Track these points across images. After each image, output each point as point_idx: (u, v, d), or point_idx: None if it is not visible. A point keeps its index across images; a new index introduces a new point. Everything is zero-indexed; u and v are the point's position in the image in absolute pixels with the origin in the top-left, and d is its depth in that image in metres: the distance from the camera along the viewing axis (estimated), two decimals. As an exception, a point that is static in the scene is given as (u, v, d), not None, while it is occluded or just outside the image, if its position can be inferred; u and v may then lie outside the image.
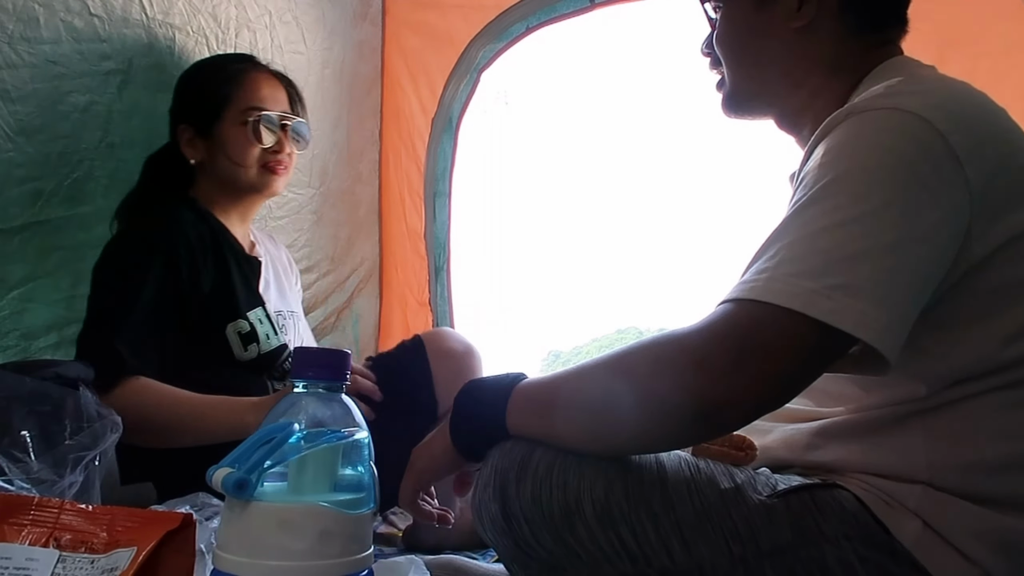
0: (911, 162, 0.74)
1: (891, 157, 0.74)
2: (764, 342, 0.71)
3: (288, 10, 2.03)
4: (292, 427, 0.61)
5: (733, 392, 0.71)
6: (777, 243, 0.75)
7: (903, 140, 0.75)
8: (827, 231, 0.73)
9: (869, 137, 0.77)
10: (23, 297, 1.43)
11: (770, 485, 0.83)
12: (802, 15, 0.94)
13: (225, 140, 1.50)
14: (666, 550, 0.80)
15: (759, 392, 0.72)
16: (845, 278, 0.70)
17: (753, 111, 1.05)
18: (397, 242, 2.56)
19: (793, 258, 0.73)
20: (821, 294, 0.70)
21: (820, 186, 0.75)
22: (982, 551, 0.76)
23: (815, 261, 0.72)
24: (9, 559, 0.65)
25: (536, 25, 2.31)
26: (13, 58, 1.35)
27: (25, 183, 1.40)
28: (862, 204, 0.73)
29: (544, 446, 0.86)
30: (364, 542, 0.62)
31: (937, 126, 0.74)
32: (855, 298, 0.70)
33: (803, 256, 0.73)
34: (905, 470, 0.80)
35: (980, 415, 0.79)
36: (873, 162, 0.75)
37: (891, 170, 0.74)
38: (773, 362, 0.71)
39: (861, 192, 0.74)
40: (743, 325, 0.72)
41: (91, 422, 0.95)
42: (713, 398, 0.72)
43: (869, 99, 0.80)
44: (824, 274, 0.71)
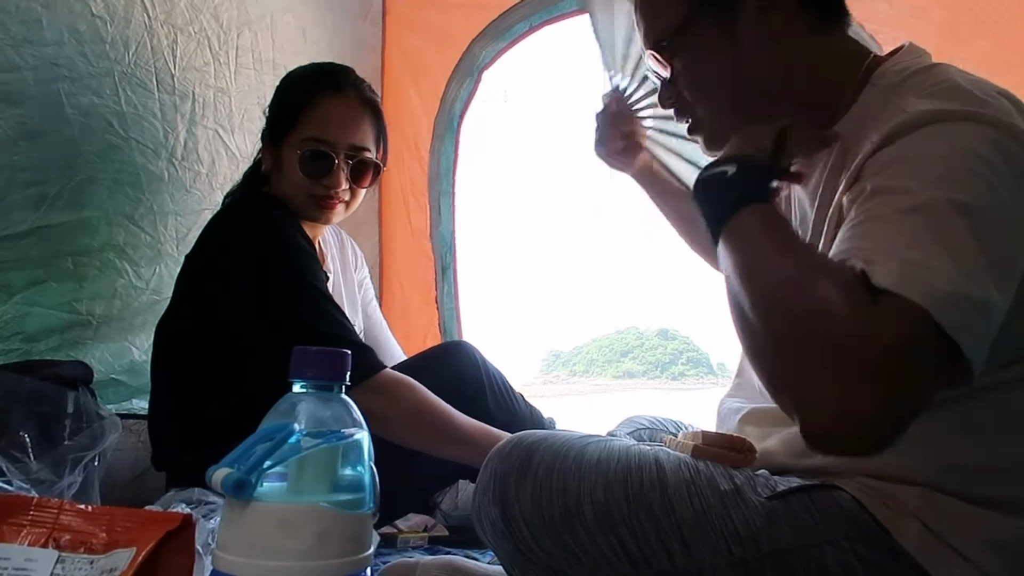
0: (1000, 170, 0.72)
1: (985, 166, 0.72)
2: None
3: (289, 10, 2.04)
4: (292, 427, 0.61)
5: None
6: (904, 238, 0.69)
7: (992, 149, 0.73)
8: (958, 244, 0.68)
9: (976, 151, 0.73)
10: (26, 301, 1.44)
11: (769, 487, 0.83)
12: (774, 21, 0.91)
13: (283, 162, 1.47)
14: (666, 552, 0.80)
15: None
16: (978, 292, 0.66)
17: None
18: (398, 242, 2.56)
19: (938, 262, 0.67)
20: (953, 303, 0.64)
21: (944, 200, 0.70)
22: (982, 553, 0.76)
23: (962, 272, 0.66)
24: (8, 560, 0.65)
25: (538, 24, 2.31)
26: (16, 60, 1.35)
27: (29, 187, 1.40)
28: (980, 221, 0.69)
29: (543, 449, 0.86)
30: (364, 542, 0.62)
31: (1020, 131, 0.74)
32: (978, 315, 0.66)
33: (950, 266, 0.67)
34: (904, 472, 0.80)
35: (978, 416, 0.79)
36: (989, 185, 0.71)
37: (987, 179, 0.71)
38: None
39: (976, 204, 0.70)
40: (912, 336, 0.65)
41: (91, 422, 0.95)
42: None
43: (952, 108, 0.77)
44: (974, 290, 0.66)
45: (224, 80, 1.83)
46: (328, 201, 1.47)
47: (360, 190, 1.52)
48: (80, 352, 1.56)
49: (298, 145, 1.44)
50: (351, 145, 1.47)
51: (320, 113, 1.46)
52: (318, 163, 1.45)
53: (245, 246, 1.38)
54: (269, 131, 1.50)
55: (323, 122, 1.45)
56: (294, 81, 1.53)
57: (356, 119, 1.49)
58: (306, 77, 1.52)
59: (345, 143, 1.46)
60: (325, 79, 1.50)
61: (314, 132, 1.45)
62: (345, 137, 1.46)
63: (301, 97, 1.47)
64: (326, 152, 1.45)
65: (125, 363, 1.71)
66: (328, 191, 1.46)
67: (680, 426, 1.30)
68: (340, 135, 1.46)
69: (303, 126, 1.45)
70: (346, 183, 1.47)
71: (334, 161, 1.45)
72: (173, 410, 1.43)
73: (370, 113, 1.51)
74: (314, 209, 1.48)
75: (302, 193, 1.46)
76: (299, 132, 1.45)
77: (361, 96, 1.50)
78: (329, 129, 1.45)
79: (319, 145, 1.44)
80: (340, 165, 1.46)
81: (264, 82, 1.94)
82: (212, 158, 1.83)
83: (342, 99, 1.48)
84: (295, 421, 0.62)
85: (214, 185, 1.83)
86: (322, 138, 1.45)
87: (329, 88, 1.48)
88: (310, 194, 1.46)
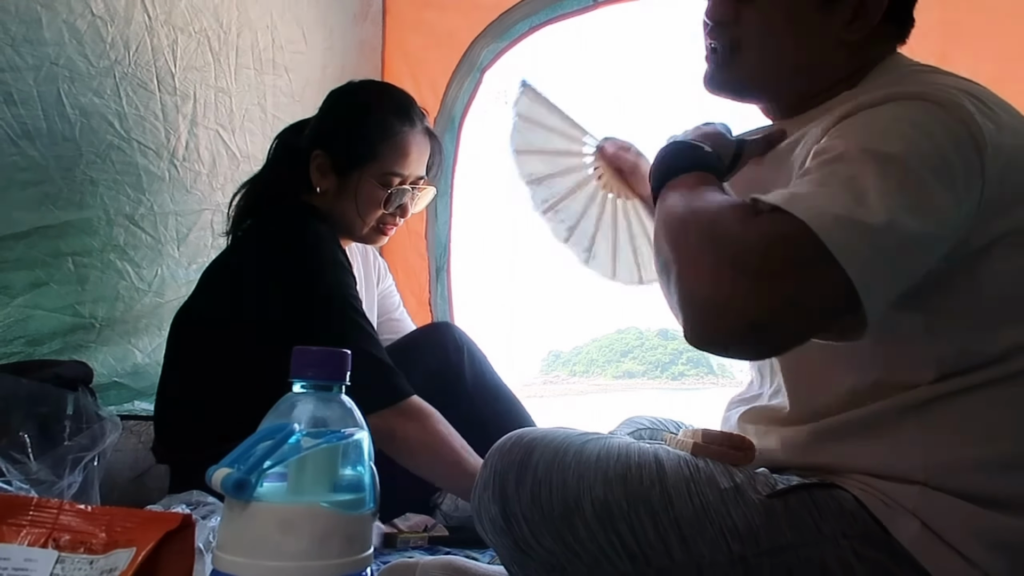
0: (941, 147, 0.74)
1: (927, 142, 0.74)
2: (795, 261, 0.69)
3: (289, 10, 2.03)
4: (292, 427, 0.61)
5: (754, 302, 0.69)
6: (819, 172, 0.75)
7: (940, 127, 0.75)
8: (878, 183, 0.71)
9: (912, 118, 0.76)
10: (28, 304, 1.44)
11: (769, 485, 0.83)
12: (853, 29, 0.92)
13: (358, 192, 1.48)
14: (665, 549, 0.80)
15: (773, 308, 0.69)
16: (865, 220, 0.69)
17: (752, 97, 1.02)
18: (396, 242, 2.55)
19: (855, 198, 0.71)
20: (845, 227, 0.68)
21: (860, 150, 0.75)
22: (981, 552, 0.76)
23: (848, 197, 0.70)
24: (8, 560, 0.65)
25: (539, 24, 2.31)
26: (16, 60, 1.35)
27: (29, 187, 1.40)
28: (895, 167, 0.72)
29: (542, 446, 0.86)
30: (364, 542, 0.62)
31: (967, 113, 0.75)
32: (865, 241, 0.69)
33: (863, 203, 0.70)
34: (902, 471, 0.80)
35: (973, 413, 0.79)
36: (913, 142, 0.74)
37: (925, 151, 0.74)
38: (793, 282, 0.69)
39: (899, 163, 0.73)
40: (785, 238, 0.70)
41: (90, 423, 0.95)
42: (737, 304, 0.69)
43: (906, 90, 0.80)
44: (853, 210, 0.69)
45: (225, 80, 1.83)
46: (389, 229, 1.54)
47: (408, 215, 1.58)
48: (83, 355, 1.56)
49: (379, 179, 1.48)
50: (419, 177, 1.54)
51: (405, 150, 1.50)
52: (401, 198, 1.51)
53: (289, 256, 1.38)
54: (335, 155, 1.49)
55: (404, 158, 1.50)
56: (373, 110, 1.52)
57: (423, 152, 1.54)
58: (387, 110, 1.52)
59: (415, 176, 1.52)
60: (403, 111, 1.52)
61: (396, 168, 1.49)
62: (416, 170, 1.53)
63: (386, 132, 1.49)
64: (408, 189, 1.51)
65: (128, 366, 1.71)
66: (395, 219, 1.53)
67: (680, 426, 1.29)
68: (414, 170, 1.52)
69: (386, 160, 1.48)
70: (411, 211, 1.55)
71: (410, 195, 1.52)
72: (182, 404, 1.42)
73: (431, 143, 1.56)
74: (375, 235, 1.54)
75: (368, 220, 1.50)
76: (380, 165, 1.48)
77: (424, 127, 1.55)
78: (408, 164, 1.50)
79: (403, 181, 1.50)
80: (411, 196, 1.53)
81: (264, 82, 1.95)
82: (213, 158, 1.83)
83: (420, 135, 1.53)
84: (295, 421, 0.62)
85: (214, 185, 1.83)
86: (404, 174, 1.50)
87: (407, 123, 1.51)
88: (379, 223, 1.52)
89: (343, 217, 1.50)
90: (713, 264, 0.71)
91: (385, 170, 1.48)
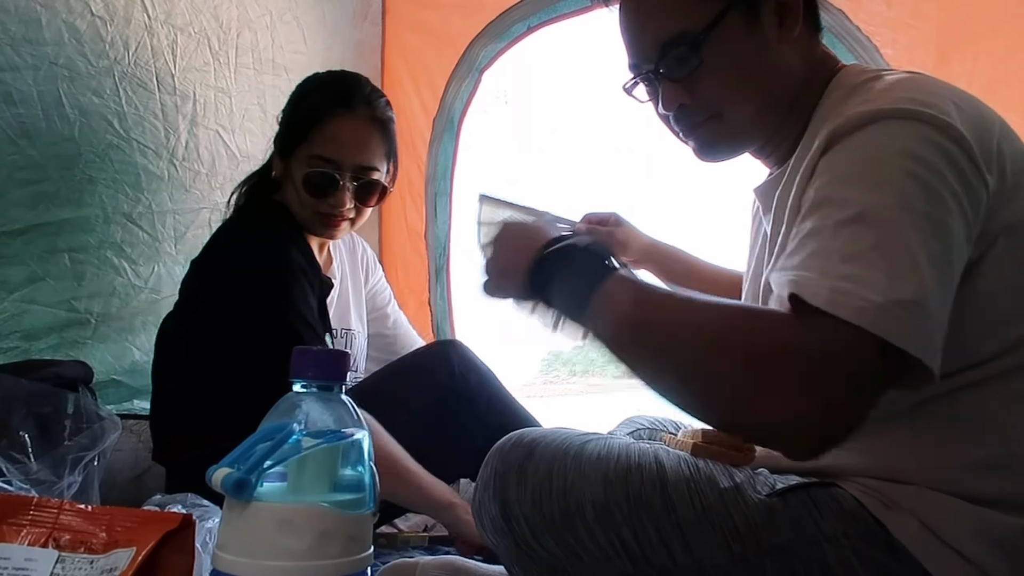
0: (937, 169, 0.73)
1: (922, 166, 0.73)
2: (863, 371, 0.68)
3: (288, 10, 2.04)
4: (292, 427, 0.61)
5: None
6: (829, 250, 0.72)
7: (929, 148, 0.74)
8: (888, 249, 0.70)
9: (903, 148, 0.75)
10: (24, 299, 1.44)
11: (769, 484, 0.83)
12: (787, 27, 0.93)
13: (292, 176, 1.47)
14: (667, 550, 0.80)
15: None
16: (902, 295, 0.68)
17: (748, 145, 1.01)
18: (397, 242, 2.56)
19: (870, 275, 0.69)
20: (892, 312, 0.67)
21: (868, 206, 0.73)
22: (979, 550, 0.76)
23: (891, 277, 0.68)
24: (8, 559, 0.65)
25: (537, 25, 2.31)
26: (15, 60, 1.35)
27: (27, 185, 1.40)
28: (910, 218, 0.71)
29: (543, 447, 0.86)
30: (364, 542, 0.62)
31: (958, 131, 0.74)
32: (915, 316, 0.67)
33: (880, 277, 0.69)
34: (897, 472, 0.80)
35: (962, 415, 0.79)
36: (908, 170, 0.73)
37: (924, 178, 0.72)
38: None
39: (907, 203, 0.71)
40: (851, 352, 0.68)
41: (90, 423, 0.95)
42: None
43: (879, 108, 0.78)
44: (902, 293, 0.67)
45: (224, 80, 1.83)
46: (332, 219, 1.47)
47: (366, 208, 1.51)
48: (80, 352, 1.56)
49: (306, 162, 1.44)
50: (358, 165, 1.46)
51: (329, 131, 1.44)
52: (324, 183, 1.44)
53: (241, 261, 1.38)
54: (280, 140, 1.50)
55: (332, 141, 1.44)
56: (308, 92, 1.51)
57: (364, 139, 1.47)
58: (320, 90, 1.50)
59: (352, 163, 1.45)
60: (338, 95, 1.47)
61: (322, 151, 1.44)
62: (352, 157, 1.45)
63: (312, 112, 1.46)
64: (332, 173, 1.44)
65: (126, 364, 1.71)
66: (333, 210, 1.46)
67: (680, 426, 1.30)
68: (347, 155, 1.45)
69: (312, 143, 1.44)
70: (351, 202, 1.47)
71: (339, 182, 1.44)
72: (170, 408, 1.43)
73: (380, 132, 1.49)
74: (319, 226, 1.48)
75: (307, 209, 1.46)
76: (308, 148, 1.44)
77: (372, 114, 1.48)
78: (337, 148, 1.44)
79: (326, 165, 1.44)
80: (346, 185, 1.45)
81: (264, 82, 1.94)
82: (212, 158, 1.83)
83: (352, 118, 1.46)
84: (295, 421, 0.62)
85: (213, 185, 1.83)
86: (329, 157, 1.44)
87: (340, 105, 1.45)
88: (315, 211, 1.46)
89: (290, 206, 1.48)
90: (775, 393, 0.68)
91: (313, 153, 1.44)
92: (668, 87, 0.97)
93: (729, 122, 0.97)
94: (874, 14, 1.87)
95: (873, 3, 1.87)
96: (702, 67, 0.93)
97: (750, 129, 0.97)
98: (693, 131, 0.99)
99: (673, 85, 0.96)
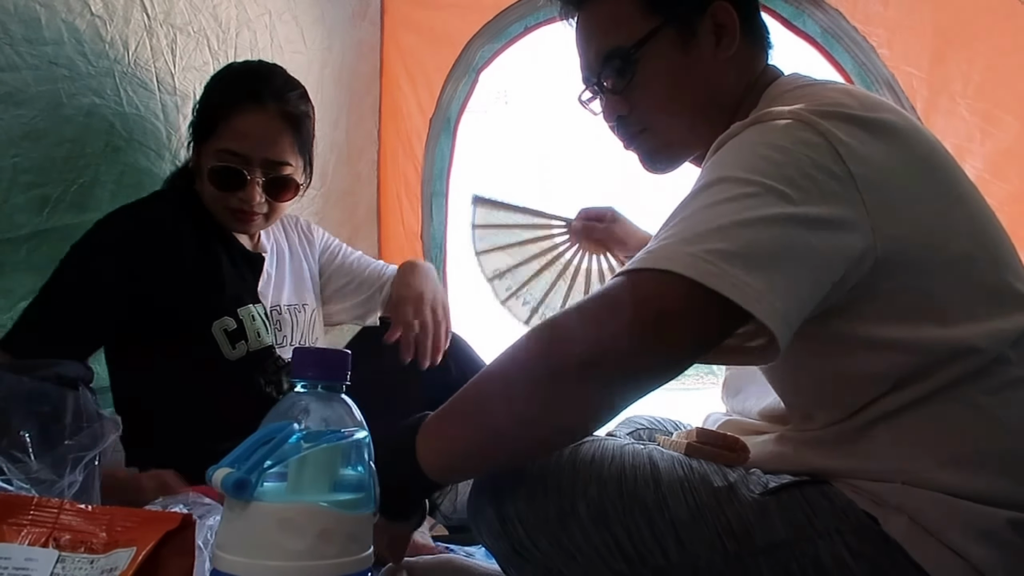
0: (799, 159, 0.76)
1: (782, 155, 0.76)
2: (663, 309, 0.72)
3: (288, 9, 2.04)
4: (292, 427, 0.61)
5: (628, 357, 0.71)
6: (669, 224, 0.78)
7: (793, 141, 0.77)
8: (718, 209, 0.74)
9: (767, 138, 0.79)
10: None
11: (762, 483, 0.84)
12: (724, 46, 0.97)
13: (202, 169, 1.43)
14: (661, 549, 0.81)
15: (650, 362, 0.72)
16: (741, 248, 0.71)
17: (687, 155, 1.05)
18: (395, 242, 2.56)
19: (690, 231, 0.74)
20: (714, 264, 0.70)
21: (716, 176, 0.78)
22: (967, 542, 0.76)
23: (710, 232, 0.73)
24: (8, 559, 0.65)
25: (535, 25, 2.31)
26: (15, 60, 1.34)
27: (31, 189, 1.39)
28: (756, 188, 0.74)
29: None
30: (364, 542, 0.62)
31: (821, 127, 0.77)
32: (750, 274, 0.70)
33: (701, 229, 0.73)
34: (881, 473, 0.81)
35: (937, 415, 0.80)
36: (766, 158, 0.77)
37: (781, 165, 0.76)
38: (672, 329, 0.72)
39: (757, 180, 0.75)
40: (641, 292, 0.73)
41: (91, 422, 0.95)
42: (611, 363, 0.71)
43: (769, 112, 0.82)
44: (719, 243, 0.71)
45: (223, 80, 1.82)
46: (242, 215, 1.43)
47: (279, 204, 1.47)
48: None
49: (214, 155, 1.40)
50: (266, 160, 1.41)
51: (237, 125, 1.39)
52: (230, 178, 1.40)
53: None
54: (192, 131, 1.46)
55: (239, 135, 1.39)
56: (217, 84, 1.47)
57: (273, 134, 1.42)
58: (229, 82, 1.46)
59: (260, 158, 1.40)
60: (246, 88, 1.42)
61: (229, 144, 1.39)
62: (260, 152, 1.40)
63: (220, 105, 1.42)
64: (239, 168, 1.40)
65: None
66: (243, 205, 1.42)
67: (679, 426, 1.30)
68: (255, 150, 1.40)
69: (220, 136, 1.40)
70: (261, 198, 1.42)
71: (247, 177, 1.40)
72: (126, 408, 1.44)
73: (291, 127, 1.43)
74: (231, 221, 1.45)
75: (218, 204, 1.43)
76: (216, 141, 1.40)
77: (282, 109, 1.42)
78: (244, 143, 1.39)
79: (233, 160, 1.39)
80: (255, 180, 1.41)
81: (263, 82, 1.94)
82: (211, 158, 1.82)
83: (260, 112, 1.40)
84: (295, 421, 0.62)
85: (213, 185, 1.83)
86: (236, 151, 1.39)
87: (248, 99, 1.40)
88: (225, 206, 1.43)
89: (203, 198, 1.45)
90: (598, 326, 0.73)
91: (219, 147, 1.39)
92: (608, 99, 1.03)
93: (661, 134, 1.03)
94: (871, 14, 1.87)
95: (870, 3, 1.88)
96: (635, 80, 0.99)
97: (686, 140, 1.02)
98: (632, 141, 1.05)
99: (613, 97, 1.02)
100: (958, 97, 1.76)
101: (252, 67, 1.52)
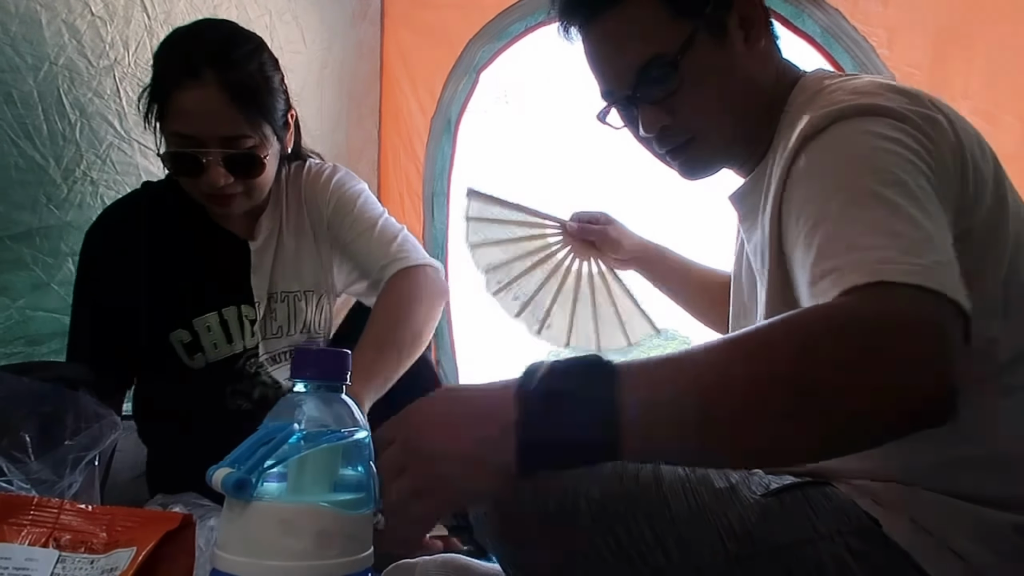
0: (903, 143, 0.75)
1: (891, 144, 0.75)
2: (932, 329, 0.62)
3: (288, 10, 2.04)
4: (292, 427, 0.61)
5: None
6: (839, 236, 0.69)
7: (889, 129, 0.76)
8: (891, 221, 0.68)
9: (861, 135, 0.77)
10: (29, 305, 1.44)
11: (764, 484, 0.84)
12: (754, 38, 0.96)
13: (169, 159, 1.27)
14: (662, 549, 0.81)
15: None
16: (937, 256, 0.66)
17: (731, 158, 1.02)
18: (395, 242, 2.55)
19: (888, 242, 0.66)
20: (934, 271, 0.63)
21: (847, 185, 0.73)
22: (970, 545, 0.76)
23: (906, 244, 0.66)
24: (9, 559, 0.65)
25: (535, 24, 2.31)
26: (16, 60, 1.35)
27: (30, 188, 1.40)
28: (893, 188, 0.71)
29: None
30: (364, 542, 0.62)
31: (913, 121, 0.77)
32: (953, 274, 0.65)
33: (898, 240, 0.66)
34: (885, 473, 0.81)
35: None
36: (882, 148, 0.75)
37: (895, 152, 0.74)
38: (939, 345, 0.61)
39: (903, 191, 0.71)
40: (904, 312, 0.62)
41: (91, 422, 0.95)
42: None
43: (840, 108, 0.79)
44: (923, 253, 0.65)
45: (223, 80, 1.83)
46: (216, 199, 1.28)
47: (254, 181, 1.28)
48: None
49: (169, 141, 1.24)
50: (220, 138, 1.22)
51: (178, 104, 1.21)
52: (186, 164, 1.24)
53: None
54: (145, 116, 1.29)
55: (183, 115, 1.21)
56: (157, 57, 1.27)
57: (217, 107, 1.21)
58: (164, 53, 1.26)
59: (212, 136, 1.22)
60: (179, 60, 1.22)
61: (177, 127, 1.22)
62: (209, 130, 1.21)
63: (160, 84, 1.23)
64: (191, 152, 1.22)
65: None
66: (211, 189, 1.25)
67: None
68: (204, 129, 1.21)
69: (169, 120, 1.23)
70: (228, 178, 1.24)
71: (202, 160, 1.22)
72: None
73: (238, 96, 1.21)
74: (211, 206, 1.32)
75: (192, 191, 1.28)
76: (168, 125, 1.23)
77: (222, 77, 1.20)
78: (190, 124, 1.21)
79: (184, 143, 1.22)
80: (213, 162, 1.22)
81: (263, 82, 1.94)
82: (211, 158, 1.82)
83: (198, 86, 1.20)
84: (295, 421, 0.62)
85: (213, 185, 1.83)
86: (186, 134, 1.22)
87: (183, 74, 1.20)
88: (197, 191, 1.27)
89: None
90: (897, 364, 0.60)
91: (171, 130, 1.23)
92: (647, 110, 0.98)
93: (712, 139, 0.99)
94: (871, 14, 1.87)
95: (870, 3, 1.88)
96: (681, 88, 0.95)
97: (731, 143, 0.99)
98: (677, 152, 1.01)
99: (652, 108, 0.97)
100: (958, 97, 1.76)
101: (185, 32, 1.30)
